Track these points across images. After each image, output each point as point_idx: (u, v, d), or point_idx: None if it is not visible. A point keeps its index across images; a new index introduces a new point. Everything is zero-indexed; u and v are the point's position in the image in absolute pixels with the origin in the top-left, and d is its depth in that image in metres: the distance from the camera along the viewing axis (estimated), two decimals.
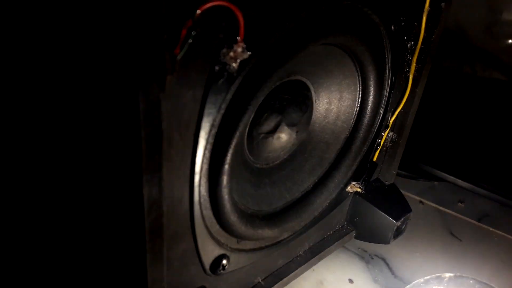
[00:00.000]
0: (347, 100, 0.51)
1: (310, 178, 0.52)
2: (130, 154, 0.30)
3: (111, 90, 0.30)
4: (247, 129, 0.44)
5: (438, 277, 0.48)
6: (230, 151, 0.37)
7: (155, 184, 0.32)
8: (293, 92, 0.47)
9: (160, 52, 0.27)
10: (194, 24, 0.28)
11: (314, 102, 0.50)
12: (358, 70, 0.48)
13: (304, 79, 0.47)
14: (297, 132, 0.51)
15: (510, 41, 0.91)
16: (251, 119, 0.41)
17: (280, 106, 0.47)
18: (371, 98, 0.51)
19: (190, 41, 0.28)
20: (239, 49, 0.31)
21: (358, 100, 0.51)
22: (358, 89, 0.50)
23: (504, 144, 0.90)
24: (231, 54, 0.31)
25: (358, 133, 0.52)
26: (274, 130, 0.48)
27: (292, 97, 0.47)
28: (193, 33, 0.28)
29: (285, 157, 0.52)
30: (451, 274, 0.48)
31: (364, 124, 0.53)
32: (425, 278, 0.49)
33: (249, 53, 0.32)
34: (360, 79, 0.49)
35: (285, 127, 0.49)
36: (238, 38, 0.31)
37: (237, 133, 0.37)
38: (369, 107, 0.52)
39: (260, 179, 0.48)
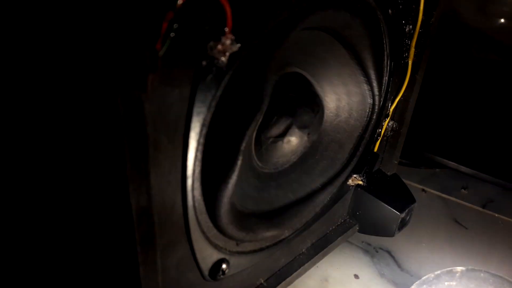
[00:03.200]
0: (355, 94, 0.48)
1: (320, 179, 0.50)
2: (114, 162, 0.28)
3: (89, 94, 0.28)
4: (254, 134, 0.41)
5: (450, 272, 0.46)
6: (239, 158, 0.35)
7: (143, 193, 0.29)
8: (297, 90, 0.45)
9: (138, 48, 0.24)
10: (176, 16, 0.25)
11: (323, 99, 0.47)
12: (355, 59, 0.46)
13: (300, 71, 0.45)
14: (308, 134, 0.48)
15: (503, 20, 0.89)
16: (258, 123, 0.38)
17: (290, 107, 0.44)
18: (374, 88, 0.49)
19: (172, 34, 0.25)
20: (228, 41, 0.29)
21: (368, 93, 0.48)
22: (363, 80, 0.47)
23: (505, 127, 0.88)
24: (219, 47, 0.29)
25: (368, 129, 0.49)
26: (284, 134, 0.45)
27: (299, 96, 0.45)
28: (175, 26, 0.25)
29: (294, 160, 0.49)
30: (463, 268, 0.46)
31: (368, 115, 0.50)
32: (436, 273, 0.47)
33: (238, 45, 0.30)
34: (360, 69, 0.47)
35: (296, 130, 0.46)
36: (226, 29, 0.28)
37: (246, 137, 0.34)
38: (373, 96, 0.49)
39: (266, 183, 0.46)
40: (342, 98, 0.48)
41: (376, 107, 0.49)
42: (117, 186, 0.29)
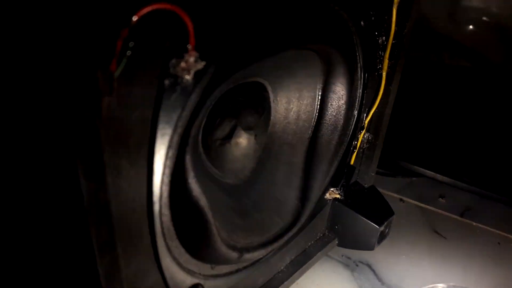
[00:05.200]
0: (306, 98, 0.47)
1: (291, 191, 0.48)
2: (71, 193, 0.25)
3: (42, 117, 0.26)
4: (200, 137, 0.40)
5: None
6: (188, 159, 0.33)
7: (103, 224, 0.27)
8: (248, 93, 0.44)
9: (90, 70, 0.22)
10: (132, 34, 0.23)
11: (272, 102, 0.46)
12: (324, 70, 0.45)
13: (262, 80, 0.44)
14: (255, 136, 0.47)
15: (471, 27, 0.90)
16: (202, 125, 0.37)
17: (234, 109, 0.43)
18: (344, 99, 0.48)
19: (128, 53, 0.24)
20: (192, 59, 0.27)
21: (318, 97, 0.47)
22: (318, 87, 0.46)
23: (480, 134, 0.88)
24: (183, 65, 0.27)
25: (321, 132, 0.49)
26: (230, 136, 0.44)
27: (247, 99, 0.44)
28: (131, 44, 0.23)
29: (252, 165, 0.48)
30: (444, 285, 0.45)
31: (339, 127, 0.49)
32: None
33: (203, 62, 0.28)
34: (323, 79, 0.46)
35: (242, 132, 0.45)
36: (189, 46, 0.27)
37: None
38: (343, 108, 0.48)
39: (239, 200, 0.45)
40: (293, 101, 0.47)
41: (342, 117, 0.48)
42: (74, 218, 0.27)
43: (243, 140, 0.46)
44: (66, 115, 0.23)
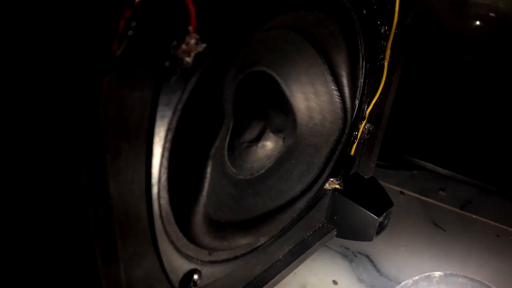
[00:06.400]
0: (322, 94, 0.47)
1: (298, 185, 0.48)
2: (70, 171, 0.26)
3: (41, 95, 0.26)
4: (227, 139, 0.40)
5: (428, 277, 0.45)
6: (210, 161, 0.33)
7: (101, 203, 0.27)
8: (264, 89, 0.43)
9: (92, 48, 0.22)
10: (134, 14, 0.23)
11: (290, 99, 0.46)
12: (324, 58, 0.45)
13: (268, 71, 0.43)
14: (284, 138, 0.47)
15: (478, 22, 0.89)
16: (230, 128, 0.37)
17: (260, 109, 0.43)
18: (345, 89, 0.48)
19: (130, 33, 0.24)
20: (192, 41, 0.27)
21: (334, 93, 0.47)
22: (330, 79, 0.46)
23: (481, 128, 0.88)
24: (183, 47, 0.27)
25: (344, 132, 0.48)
26: (258, 138, 0.43)
27: (268, 97, 0.43)
28: (133, 24, 0.23)
29: (270, 165, 0.48)
30: (441, 273, 0.45)
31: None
32: (414, 278, 0.46)
33: (204, 45, 0.28)
34: (328, 68, 0.46)
35: (271, 134, 0.45)
36: (190, 28, 0.27)
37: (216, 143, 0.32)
38: (344, 98, 0.48)
39: (243, 191, 0.44)
40: (310, 97, 0.47)
41: (349, 109, 0.48)
42: (73, 196, 0.27)
43: (271, 143, 0.46)
44: (67, 92, 0.23)
